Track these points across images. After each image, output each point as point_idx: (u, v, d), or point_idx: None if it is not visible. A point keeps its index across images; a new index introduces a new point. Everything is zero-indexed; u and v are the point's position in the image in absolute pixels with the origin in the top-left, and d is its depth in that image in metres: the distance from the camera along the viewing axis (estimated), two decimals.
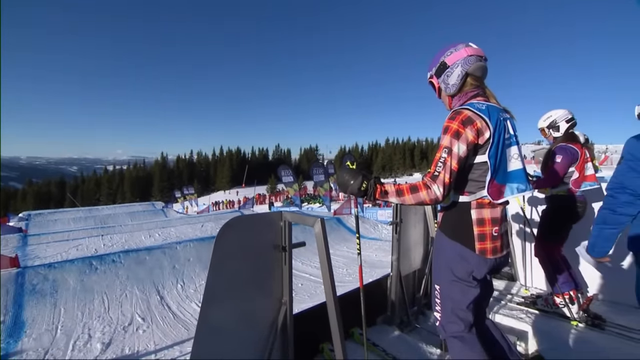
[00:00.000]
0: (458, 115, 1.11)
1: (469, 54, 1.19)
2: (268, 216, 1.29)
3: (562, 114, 2.26)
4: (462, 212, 1.18)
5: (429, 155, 78.03)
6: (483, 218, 1.16)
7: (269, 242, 1.29)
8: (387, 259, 5.96)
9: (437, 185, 1.07)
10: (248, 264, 1.21)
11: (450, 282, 1.20)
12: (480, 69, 1.21)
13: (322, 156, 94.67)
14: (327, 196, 15.81)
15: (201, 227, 8.83)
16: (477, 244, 1.15)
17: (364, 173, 1.17)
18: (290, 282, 1.33)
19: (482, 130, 1.10)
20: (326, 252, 1.17)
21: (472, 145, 1.10)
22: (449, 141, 1.09)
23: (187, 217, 16.08)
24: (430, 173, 1.11)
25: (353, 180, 1.15)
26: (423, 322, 2.26)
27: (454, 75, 1.21)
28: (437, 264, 1.29)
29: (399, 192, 1.13)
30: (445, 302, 1.23)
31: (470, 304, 1.19)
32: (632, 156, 1.31)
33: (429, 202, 1.10)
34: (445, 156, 1.09)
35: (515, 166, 1.18)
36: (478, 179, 1.15)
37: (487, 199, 1.15)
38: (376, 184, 1.14)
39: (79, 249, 6.95)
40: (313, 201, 25.42)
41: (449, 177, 1.07)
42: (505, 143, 1.15)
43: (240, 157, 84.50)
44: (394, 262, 2.06)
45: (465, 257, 1.16)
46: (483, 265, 1.17)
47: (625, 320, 2.05)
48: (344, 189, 1.17)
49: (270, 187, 56.26)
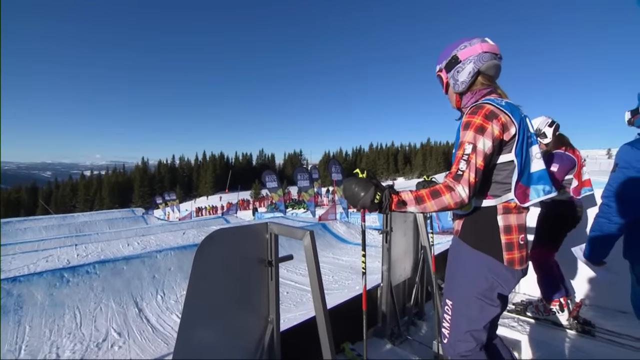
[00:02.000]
0: (480, 110, 1.01)
1: (484, 50, 1.09)
2: (252, 228, 1.19)
3: (542, 120, 2.27)
4: (488, 218, 1.07)
5: (412, 160, 79.56)
6: (510, 225, 1.05)
7: (254, 256, 1.19)
8: (373, 264, 5.93)
9: (462, 185, 0.95)
10: (231, 280, 1.11)
11: (469, 298, 1.08)
12: (494, 68, 1.12)
13: (307, 161, 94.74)
14: (312, 201, 15.74)
15: (183, 235, 8.52)
16: (505, 254, 1.04)
17: (376, 182, 1.02)
18: (277, 298, 1.24)
19: (507, 125, 1.00)
20: (316, 268, 1.08)
21: (497, 141, 1.00)
22: (473, 136, 0.99)
23: (168, 223, 15.57)
24: (452, 173, 0.99)
25: (364, 192, 0.99)
26: (414, 333, 2.19)
27: (464, 71, 1.11)
28: (453, 277, 1.16)
29: (419, 199, 0.98)
30: (458, 320, 1.11)
31: (487, 323, 1.08)
32: (627, 163, 1.30)
33: (453, 206, 0.96)
34: (469, 153, 0.97)
35: (538, 166, 1.07)
36: (503, 181, 1.05)
37: (514, 203, 1.05)
38: (391, 194, 0.99)
39: (49, 260, 6.52)
40: (297, 206, 25.30)
41: (474, 176, 0.95)
42: (527, 141, 1.06)
43: (223, 162, 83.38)
44: (385, 272, 2.00)
45: (492, 269, 1.05)
46: (511, 278, 1.06)
47: (613, 325, 2.05)
48: (354, 202, 1.01)
49: (254, 193, 55.67)
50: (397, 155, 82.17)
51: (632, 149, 1.30)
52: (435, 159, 75.73)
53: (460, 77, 1.13)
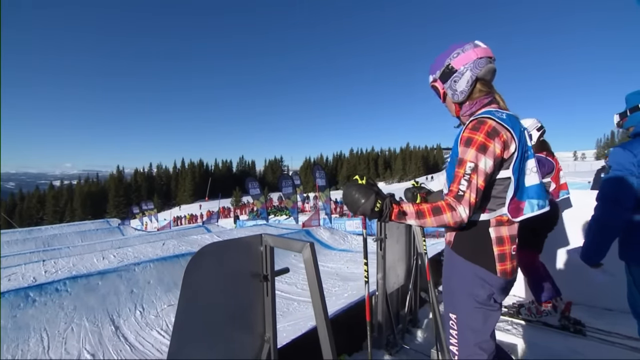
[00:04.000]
0: (482, 126, 0.99)
1: (479, 55, 1.06)
2: (246, 241, 1.11)
3: (532, 123, 2.33)
4: (480, 230, 1.06)
5: (392, 164, 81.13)
6: (502, 236, 1.05)
7: (247, 270, 1.10)
8: (359, 270, 5.89)
9: (463, 206, 0.95)
10: (224, 297, 1.02)
11: (471, 309, 1.06)
12: (491, 72, 1.10)
13: (287, 167, 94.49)
14: (295, 208, 15.66)
15: (162, 246, 8.15)
16: (497, 265, 1.04)
17: (377, 190, 1.00)
18: (274, 315, 1.15)
19: (508, 143, 0.99)
20: (318, 282, 1.01)
21: (498, 159, 0.99)
22: (474, 156, 0.97)
23: (146, 234, 14.89)
24: (453, 192, 0.97)
25: (364, 198, 0.97)
26: (409, 342, 2.15)
27: (462, 80, 1.08)
28: (451, 290, 1.14)
29: (419, 213, 0.97)
30: (465, 334, 1.08)
31: (492, 331, 1.07)
32: (619, 165, 1.33)
33: (452, 224, 0.96)
34: (470, 173, 0.96)
35: (533, 180, 1.06)
36: (498, 195, 1.04)
37: (506, 217, 1.04)
38: (392, 204, 0.98)
39: (12, 279, 6.01)
40: (279, 213, 25.06)
41: (475, 196, 0.95)
42: (524, 156, 1.05)
43: (203, 169, 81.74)
44: (380, 280, 1.95)
45: (486, 280, 1.04)
46: (504, 287, 1.07)
47: (602, 324, 2.11)
48: (354, 208, 1.00)
49: (234, 200, 54.67)
50: (378, 160, 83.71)
51: (624, 151, 1.33)
52: (415, 164, 77.67)
53: (459, 87, 1.10)
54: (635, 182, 1.30)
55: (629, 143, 1.36)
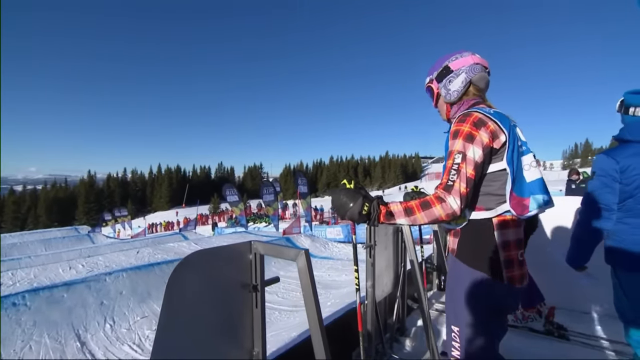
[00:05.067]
0: (468, 117, 1.01)
1: (475, 62, 1.11)
2: (233, 248, 1.03)
3: None
4: (483, 233, 1.03)
5: (372, 172, 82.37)
6: (508, 240, 1.02)
7: (235, 280, 1.02)
8: (340, 278, 5.85)
9: (453, 196, 0.92)
10: (209, 309, 0.94)
11: (476, 322, 1.02)
12: (484, 80, 1.14)
13: (267, 174, 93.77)
14: (276, 215, 15.49)
15: (137, 254, 7.73)
16: (504, 272, 1.00)
17: (364, 193, 0.98)
18: (263, 328, 1.07)
19: (496, 132, 0.99)
20: (313, 292, 0.95)
21: (487, 149, 0.98)
22: (462, 145, 0.97)
23: (119, 242, 14.12)
24: (442, 184, 0.95)
25: (352, 202, 0.95)
26: (398, 351, 2.12)
27: (457, 81, 1.12)
28: (454, 300, 1.09)
29: (408, 210, 0.95)
30: (469, 347, 1.04)
31: (497, 345, 1.04)
32: (603, 171, 1.37)
33: (444, 218, 0.93)
34: (459, 162, 0.95)
35: (534, 176, 1.05)
36: (497, 192, 1.02)
37: (510, 216, 1.01)
38: (379, 205, 0.95)
39: None
40: (259, 220, 24.65)
41: (465, 186, 0.93)
42: (519, 150, 1.04)
43: (180, 175, 79.35)
44: (369, 288, 1.90)
45: (492, 289, 1.00)
46: (512, 297, 1.03)
47: (582, 328, 2.17)
48: (342, 213, 0.98)
49: (212, 207, 53.39)
50: (357, 167, 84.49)
51: (607, 158, 1.38)
52: (394, 172, 79.23)
53: (453, 86, 1.13)
54: (617, 188, 1.35)
55: (612, 150, 1.41)
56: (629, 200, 1.35)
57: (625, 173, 1.33)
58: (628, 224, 1.36)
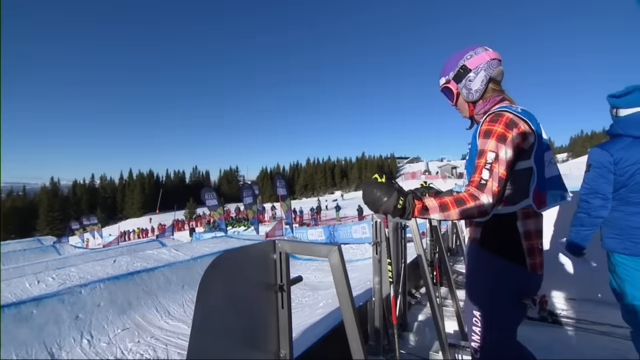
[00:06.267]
0: (500, 118, 1.02)
1: (492, 57, 1.13)
2: (257, 248, 0.99)
3: None
4: (508, 224, 1.07)
5: (349, 173, 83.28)
6: (530, 230, 1.06)
7: (261, 281, 0.98)
8: (327, 279, 5.85)
9: (486, 194, 0.93)
10: (238, 311, 0.89)
11: (498, 306, 1.06)
12: (501, 74, 1.17)
13: (243, 177, 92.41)
14: (256, 218, 15.27)
15: (113, 263, 7.31)
16: (528, 259, 1.04)
17: (398, 187, 0.97)
18: (290, 329, 1.04)
19: (526, 133, 1.02)
20: (348, 289, 0.92)
21: (517, 149, 1.01)
22: (495, 145, 0.98)
23: (90, 252, 13.29)
24: (474, 182, 0.96)
25: (387, 196, 0.93)
26: (403, 346, 2.14)
27: (477, 80, 1.14)
28: (476, 286, 1.14)
29: (443, 206, 0.94)
30: (490, 333, 1.07)
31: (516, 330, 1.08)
32: (599, 164, 1.47)
33: (477, 215, 0.94)
34: (491, 162, 0.96)
35: (553, 172, 1.11)
36: (521, 187, 1.06)
37: (532, 209, 1.06)
38: (414, 200, 0.95)
39: None
40: (238, 224, 24.14)
41: (497, 185, 0.94)
42: (542, 147, 1.09)
43: (153, 180, 76.17)
44: (376, 285, 1.91)
45: (516, 275, 1.05)
46: (534, 283, 1.07)
47: (571, 313, 2.31)
48: (376, 207, 0.96)
49: (188, 212, 51.63)
50: (334, 169, 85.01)
51: (602, 151, 1.48)
52: (371, 172, 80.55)
53: (474, 85, 1.15)
54: (612, 178, 1.46)
55: (606, 143, 1.52)
56: (622, 190, 1.46)
57: (618, 164, 1.44)
58: (622, 211, 1.48)
